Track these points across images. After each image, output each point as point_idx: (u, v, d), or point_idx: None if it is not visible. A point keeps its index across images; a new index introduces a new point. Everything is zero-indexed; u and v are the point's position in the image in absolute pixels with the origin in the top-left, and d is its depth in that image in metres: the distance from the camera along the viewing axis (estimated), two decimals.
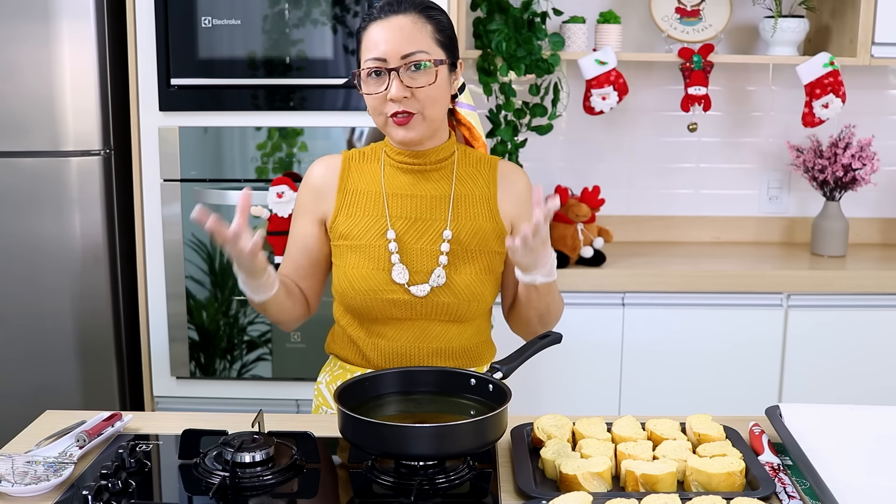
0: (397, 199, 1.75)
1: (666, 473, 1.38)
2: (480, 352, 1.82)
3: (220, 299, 2.74)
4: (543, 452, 1.47)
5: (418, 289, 1.71)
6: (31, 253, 2.66)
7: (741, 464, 1.41)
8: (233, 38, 2.60)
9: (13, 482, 1.40)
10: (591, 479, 1.38)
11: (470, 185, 1.77)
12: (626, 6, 3.13)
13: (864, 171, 2.99)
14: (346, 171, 1.78)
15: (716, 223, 3.30)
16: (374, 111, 1.69)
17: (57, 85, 2.59)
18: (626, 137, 3.26)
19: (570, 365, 2.82)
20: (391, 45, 1.63)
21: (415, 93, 1.64)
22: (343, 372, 1.81)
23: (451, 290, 1.72)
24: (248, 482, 1.42)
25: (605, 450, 1.48)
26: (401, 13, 1.65)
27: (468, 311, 1.74)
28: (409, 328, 1.75)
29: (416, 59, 1.64)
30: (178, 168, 2.67)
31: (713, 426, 1.55)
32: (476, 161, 1.79)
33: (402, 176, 1.76)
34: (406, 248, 1.73)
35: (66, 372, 2.71)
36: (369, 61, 1.65)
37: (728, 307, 2.83)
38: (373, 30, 1.66)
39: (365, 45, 1.67)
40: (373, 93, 1.66)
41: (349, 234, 1.75)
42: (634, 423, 1.58)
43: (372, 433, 1.41)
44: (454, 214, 1.75)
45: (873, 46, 2.88)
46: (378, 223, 1.74)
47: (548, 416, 1.59)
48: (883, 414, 1.64)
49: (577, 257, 2.91)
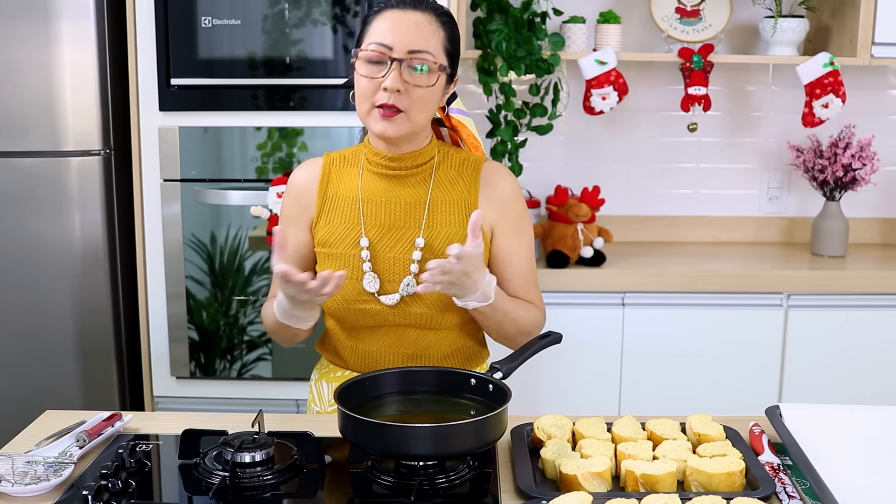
0: (373, 206, 1.71)
1: (666, 473, 1.38)
2: (467, 356, 1.79)
3: (220, 299, 2.74)
4: (543, 452, 1.47)
5: (388, 298, 1.67)
6: (31, 253, 2.66)
7: (741, 464, 1.41)
8: (233, 38, 2.60)
9: (13, 482, 1.40)
10: (591, 479, 1.38)
11: (448, 190, 1.71)
12: (626, 6, 3.13)
13: (864, 171, 2.99)
14: (326, 175, 1.75)
15: (716, 223, 3.30)
16: (363, 96, 1.63)
17: (57, 85, 2.60)
18: (626, 137, 3.26)
19: (570, 365, 2.82)
20: (401, 37, 1.60)
21: (409, 90, 1.61)
22: (329, 370, 1.82)
23: (422, 299, 1.68)
24: (248, 482, 1.42)
25: (605, 450, 1.47)
26: (419, 10, 1.63)
27: (442, 321, 1.70)
28: (385, 334, 1.73)
29: (422, 57, 1.61)
30: (178, 168, 2.67)
31: (713, 426, 1.55)
32: (459, 164, 1.73)
33: (379, 182, 1.72)
34: (378, 257, 1.69)
35: (66, 372, 2.71)
36: (375, 45, 1.61)
37: (728, 307, 2.83)
38: (387, 16, 1.63)
39: (374, 29, 1.63)
40: (368, 76, 1.61)
41: (327, 241, 1.72)
42: (634, 423, 1.58)
43: (372, 433, 1.41)
44: (428, 221, 1.70)
45: (873, 46, 2.88)
46: (353, 231, 1.71)
47: (548, 416, 1.59)
48: (883, 414, 1.63)
49: (577, 257, 2.91)
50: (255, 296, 2.73)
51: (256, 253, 2.72)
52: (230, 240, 2.71)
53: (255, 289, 2.73)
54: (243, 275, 2.73)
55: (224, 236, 2.71)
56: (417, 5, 1.64)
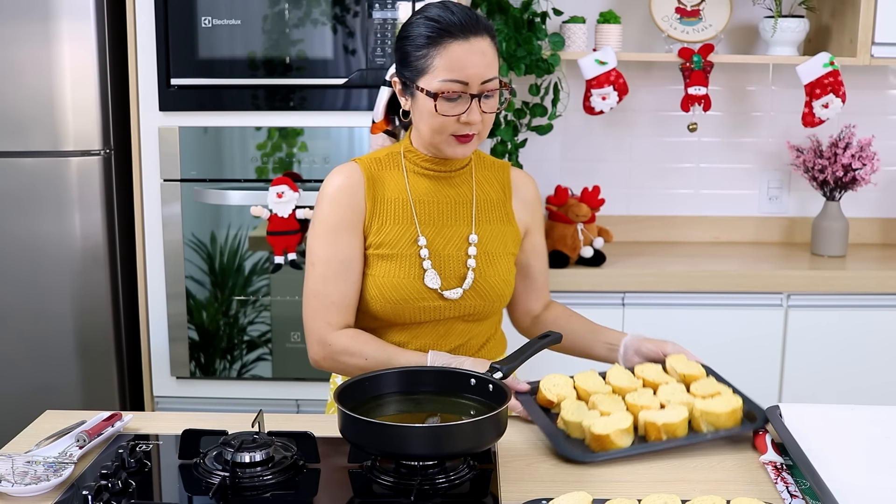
0: (423, 206, 1.76)
1: (682, 420, 1.52)
2: (497, 343, 1.89)
3: (220, 299, 2.74)
4: (564, 414, 1.55)
5: (451, 293, 1.74)
6: (32, 253, 2.66)
7: (739, 399, 1.57)
8: (233, 38, 2.60)
9: (13, 482, 1.40)
10: (621, 435, 1.49)
11: (488, 190, 1.81)
12: (626, 6, 3.13)
13: (864, 171, 2.99)
14: (371, 179, 1.75)
15: (716, 223, 3.30)
16: (441, 128, 1.67)
17: (57, 85, 2.60)
18: (626, 137, 3.26)
19: (570, 365, 2.81)
20: (475, 71, 1.62)
21: (484, 117, 1.67)
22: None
23: (479, 292, 1.76)
24: (248, 482, 1.42)
25: (618, 404, 1.58)
26: (479, 35, 1.64)
27: (493, 311, 1.81)
28: (434, 328, 1.77)
29: (493, 86, 1.65)
30: (178, 168, 2.67)
31: (692, 365, 1.71)
32: (490, 165, 1.84)
33: (426, 182, 1.77)
34: (436, 254, 1.74)
35: (66, 372, 2.71)
36: (450, 82, 1.62)
37: (728, 307, 2.83)
38: (455, 50, 1.62)
39: (442, 65, 1.62)
40: (446, 113, 1.64)
41: (382, 242, 1.73)
42: (624, 372, 1.70)
43: (372, 433, 1.41)
44: (477, 218, 1.78)
45: (873, 46, 2.88)
46: (409, 230, 1.74)
47: (548, 377, 1.67)
48: (883, 414, 1.64)
49: (577, 257, 2.91)
50: (255, 296, 2.74)
51: (256, 253, 2.72)
52: (230, 240, 2.71)
53: (255, 289, 2.73)
54: (243, 275, 2.73)
55: (224, 236, 2.71)
56: (476, 31, 1.64)
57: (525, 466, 1.51)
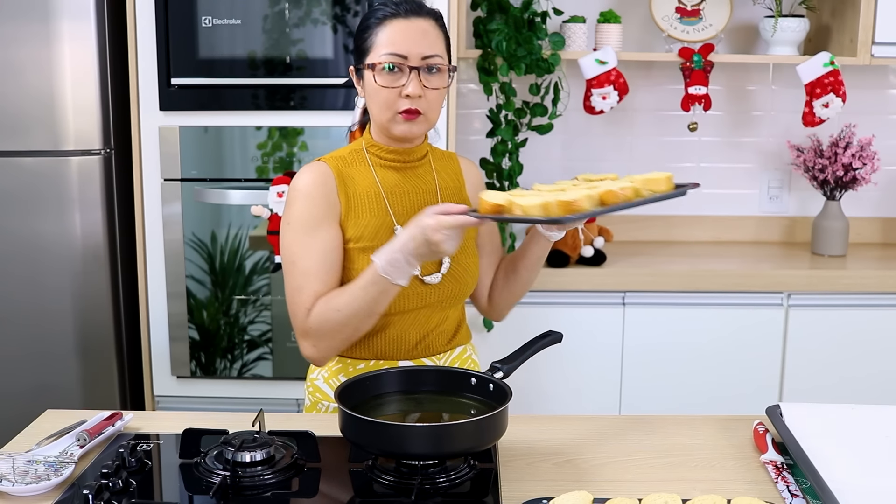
0: (395, 197, 1.80)
1: (633, 186, 1.61)
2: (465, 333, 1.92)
3: (221, 298, 2.74)
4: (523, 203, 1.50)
5: (431, 278, 1.77)
6: (32, 252, 2.66)
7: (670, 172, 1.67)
8: (233, 37, 2.60)
9: (14, 481, 1.40)
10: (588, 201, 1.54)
11: (446, 179, 1.88)
12: (626, 6, 3.13)
13: (865, 170, 2.99)
14: (340, 176, 1.78)
15: (716, 223, 3.31)
16: (385, 104, 1.73)
17: (57, 85, 2.60)
18: (626, 137, 3.26)
19: (570, 365, 2.82)
20: (413, 45, 1.70)
21: (427, 94, 1.72)
22: (343, 366, 1.82)
23: (455, 276, 1.81)
24: (249, 482, 1.42)
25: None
26: (422, 17, 1.74)
27: (465, 293, 1.86)
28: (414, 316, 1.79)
29: (434, 62, 1.72)
30: (178, 167, 2.67)
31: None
32: (441, 157, 1.91)
33: (393, 174, 1.82)
34: None
35: (66, 371, 2.71)
36: (388, 55, 1.70)
37: (728, 307, 2.83)
38: (394, 26, 1.71)
39: (384, 39, 1.71)
40: (388, 85, 1.71)
41: (361, 236, 1.76)
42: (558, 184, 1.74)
43: (372, 432, 1.41)
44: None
45: (873, 46, 2.88)
46: (385, 222, 1.77)
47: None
48: (883, 414, 1.64)
49: (578, 257, 2.91)
50: (255, 295, 2.74)
51: (257, 252, 2.72)
52: (230, 239, 2.71)
53: (256, 288, 2.73)
54: (244, 274, 2.73)
55: (224, 236, 2.71)
56: (419, 12, 1.74)
57: (525, 466, 1.51)
